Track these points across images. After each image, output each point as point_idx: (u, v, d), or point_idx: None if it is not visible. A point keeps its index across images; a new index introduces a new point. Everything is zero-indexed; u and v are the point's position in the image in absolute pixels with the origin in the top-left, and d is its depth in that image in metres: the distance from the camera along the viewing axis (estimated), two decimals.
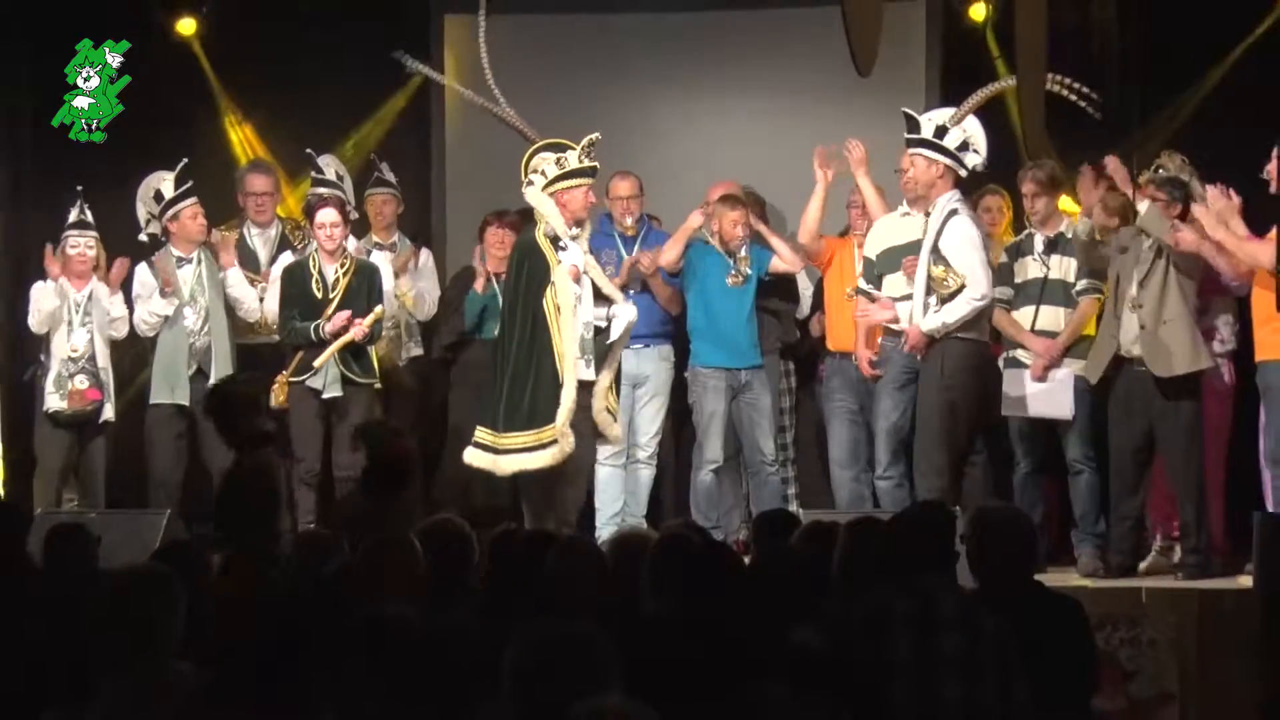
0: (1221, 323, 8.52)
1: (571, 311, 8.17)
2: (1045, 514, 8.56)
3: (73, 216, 8.80)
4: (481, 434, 8.27)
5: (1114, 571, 8.19)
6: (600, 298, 8.40)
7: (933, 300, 8.17)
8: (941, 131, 8.29)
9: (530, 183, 8.38)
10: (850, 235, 9.07)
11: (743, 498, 9.14)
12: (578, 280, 8.27)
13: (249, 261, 9.12)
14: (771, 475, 8.95)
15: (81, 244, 8.77)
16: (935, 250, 8.17)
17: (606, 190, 9.16)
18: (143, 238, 9.02)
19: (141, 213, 9.00)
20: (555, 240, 8.30)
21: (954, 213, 8.22)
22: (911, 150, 8.34)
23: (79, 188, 8.81)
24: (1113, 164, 8.19)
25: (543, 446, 8.12)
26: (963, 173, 8.35)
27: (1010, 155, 8.95)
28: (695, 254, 9.00)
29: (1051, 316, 8.55)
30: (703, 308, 8.97)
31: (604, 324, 8.39)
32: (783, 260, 8.95)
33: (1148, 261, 8.06)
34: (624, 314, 8.42)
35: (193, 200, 8.87)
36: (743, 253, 8.79)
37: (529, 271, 8.28)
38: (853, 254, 8.94)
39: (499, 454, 8.19)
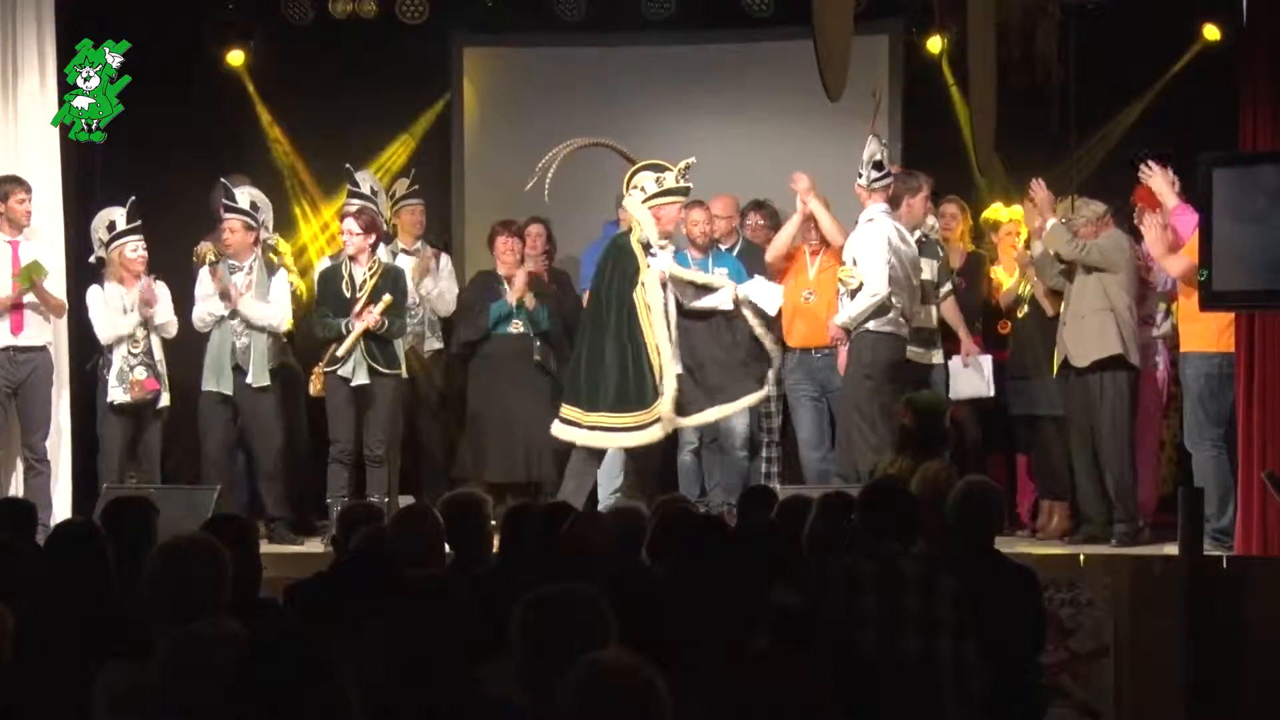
0: (1159, 310, 8.51)
1: (661, 310, 8.26)
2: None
3: (125, 223, 8.66)
4: (568, 411, 8.35)
5: (1082, 538, 8.26)
6: (700, 289, 8.47)
7: (846, 298, 8.21)
8: (879, 165, 8.29)
9: (630, 195, 8.42)
10: (803, 244, 9.03)
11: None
12: (664, 285, 8.32)
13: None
14: (740, 457, 8.87)
15: (140, 247, 8.69)
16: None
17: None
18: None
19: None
20: (646, 247, 8.34)
21: (869, 220, 8.25)
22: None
23: (132, 197, 8.70)
24: (1038, 188, 8.31)
25: (642, 428, 8.22)
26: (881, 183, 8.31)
27: (963, 169, 8.97)
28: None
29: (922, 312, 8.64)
30: None
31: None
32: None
33: (1068, 268, 8.23)
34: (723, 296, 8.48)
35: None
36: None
37: (620, 269, 8.35)
38: (806, 261, 8.91)
39: (591, 430, 8.27)
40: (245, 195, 8.82)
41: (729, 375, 8.43)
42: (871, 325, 8.17)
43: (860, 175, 8.29)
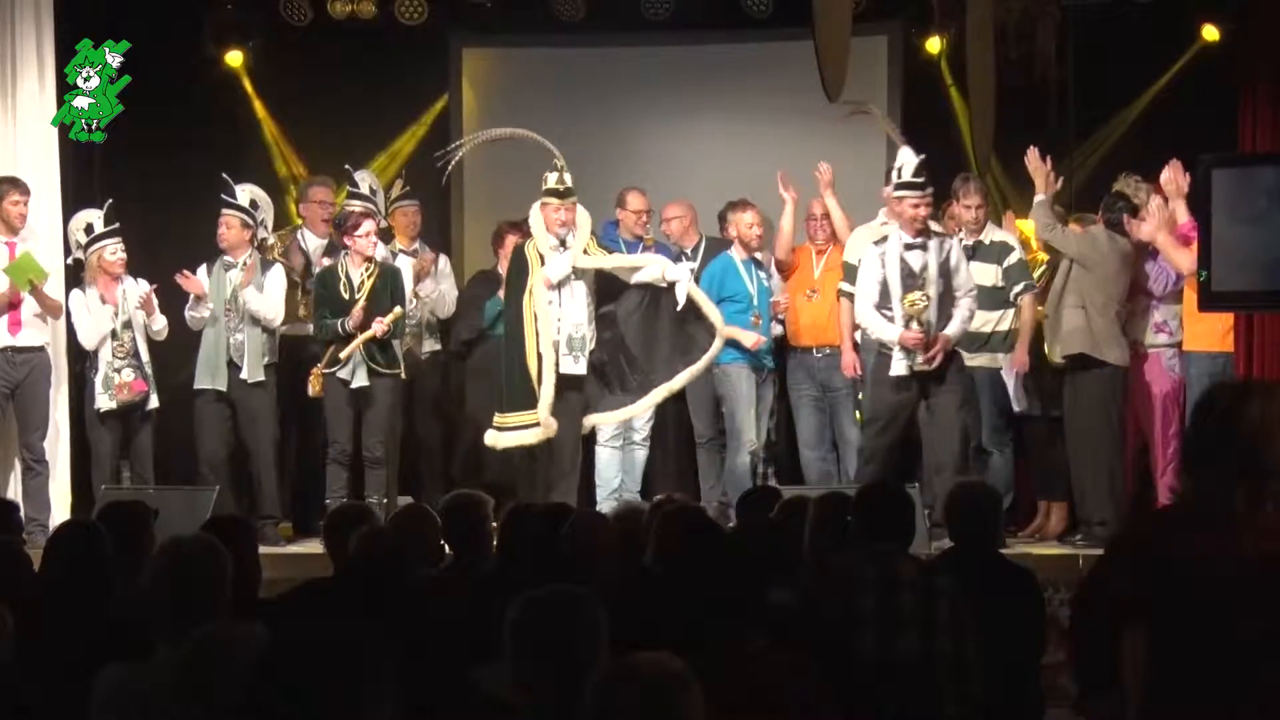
0: (1169, 315, 8.44)
1: (548, 318, 8.18)
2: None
3: (103, 225, 8.58)
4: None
5: (1081, 538, 8.22)
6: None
7: (914, 322, 7.83)
8: (921, 169, 7.89)
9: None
10: (808, 244, 9.04)
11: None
12: (551, 289, 8.24)
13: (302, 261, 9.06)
14: (741, 459, 8.79)
15: (120, 249, 8.63)
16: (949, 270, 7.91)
17: (623, 202, 9.13)
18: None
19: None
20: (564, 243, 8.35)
21: (946, 236, 8.08)
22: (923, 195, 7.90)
23: (109, 200, 8.64)
24: (1032, 156, 8.22)
25: (525, 428, 8.19)
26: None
27: (963, 169, 9.00)
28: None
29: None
30: None
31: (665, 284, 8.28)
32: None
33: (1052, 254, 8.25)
34: (673, 273, 8.28)
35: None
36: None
37: (516, 275, 8.35)
38: (811, 261, 8.93)
39: (494, 430, 8.33)
40: (245, 193, 8.83)
41: (660, 358, 8.32)
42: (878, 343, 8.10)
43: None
